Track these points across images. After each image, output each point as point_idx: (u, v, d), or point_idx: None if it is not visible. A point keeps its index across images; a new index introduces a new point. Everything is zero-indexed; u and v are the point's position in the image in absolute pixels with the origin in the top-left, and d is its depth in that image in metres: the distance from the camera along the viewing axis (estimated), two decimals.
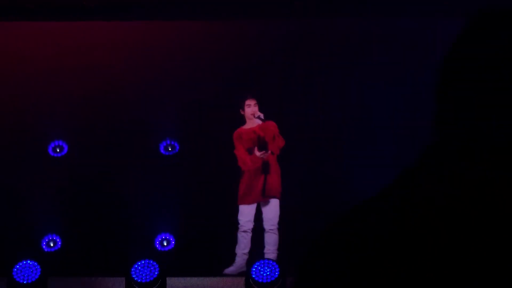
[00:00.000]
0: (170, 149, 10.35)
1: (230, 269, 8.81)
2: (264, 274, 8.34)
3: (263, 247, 8.80)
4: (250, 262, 8.65)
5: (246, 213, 8.85)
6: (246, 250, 8.83)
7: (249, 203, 8.83)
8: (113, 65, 10.22)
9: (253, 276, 8.31)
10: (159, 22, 10.12)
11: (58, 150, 10.28)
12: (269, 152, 8.82)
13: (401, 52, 10.19)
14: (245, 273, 8.60)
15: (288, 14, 9.81)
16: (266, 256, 8.68)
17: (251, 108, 8.91)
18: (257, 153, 8.78)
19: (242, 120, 9.18)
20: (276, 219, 8.77)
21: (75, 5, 9.58)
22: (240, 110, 9.00)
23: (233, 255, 8.88)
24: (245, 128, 9.04)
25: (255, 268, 8.36)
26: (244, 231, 8.83)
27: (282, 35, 10.25)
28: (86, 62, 10.22)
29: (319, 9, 9.68)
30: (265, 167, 8.86)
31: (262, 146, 8.87)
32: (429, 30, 10.12)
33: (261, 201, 8.85)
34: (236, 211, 8.94)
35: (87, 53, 10.22)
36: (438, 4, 9.53)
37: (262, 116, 8.86)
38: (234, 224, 8.96)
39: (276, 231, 8.74)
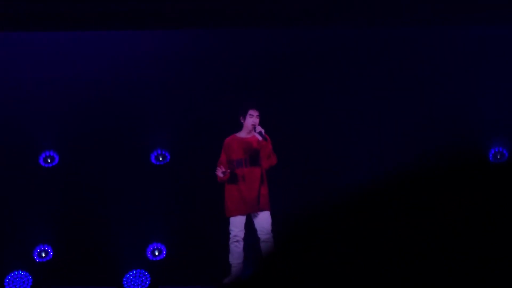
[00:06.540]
0: (161, 158, 10.34)
1: (228, 279, 8.76)
2: None
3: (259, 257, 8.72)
4: (244, 271, 8.62)
5: (238, 223, 8.76)
6: (241, 260, 8.76)
7: (242, 214, 8.76)
8: (104, 76, 10.22)
9: None
10: (150, 31, 10.12)
11: (49, 161, 10.26)
12: (227, 172, 8.69)
13: (397, 60, 10.23)
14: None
15: (288, 23, 9.80)
16: None
17: (253, 119, 8.75)
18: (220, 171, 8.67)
19: (235, 130, 9.09)
20: (270, 228, 8.71)
21: (67, 15, 9.57)
22: (240, 118, 8.85)
23: (227, 265, 8.83)
24: (239, 136, 8.93)
25: None
26: (237, 241, 8.74)
27: (277, 45, 10.25)
28: (78, 72, 10.21)
29: (315, 18, 9.70)
30: (261, 179, 8.79)
31: (254, 159, 8.81)
32: (423, 36, 10.18)
33: (254, 212, 8.76)
34: (227, 220, 8.89)
35: (78, 63, 10.22)
36: (434, 12, 9.58)
37: (263, 132, 8.77)
38: (226, 233, 8.93)
39: (272, 240, 8.68)
